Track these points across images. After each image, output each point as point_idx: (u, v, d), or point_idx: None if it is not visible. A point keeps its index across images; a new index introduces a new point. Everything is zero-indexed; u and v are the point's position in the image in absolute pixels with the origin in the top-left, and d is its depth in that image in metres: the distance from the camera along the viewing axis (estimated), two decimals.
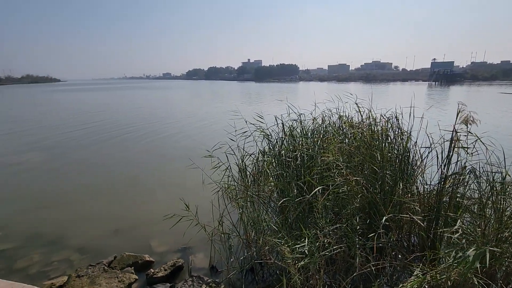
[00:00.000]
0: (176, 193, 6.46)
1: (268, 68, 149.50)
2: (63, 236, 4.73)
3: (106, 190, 6.81)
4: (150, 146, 11.05)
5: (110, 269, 3.81)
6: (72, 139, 12.48)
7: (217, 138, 11.23)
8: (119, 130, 14.43)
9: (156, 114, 20.67)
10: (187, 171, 7.18)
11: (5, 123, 17.78)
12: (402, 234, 3.76)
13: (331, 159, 3.81)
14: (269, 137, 5.95)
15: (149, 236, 4.78)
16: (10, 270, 3.91)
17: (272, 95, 38.08)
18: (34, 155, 9.86)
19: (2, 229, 4.96)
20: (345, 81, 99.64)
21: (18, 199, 6.30)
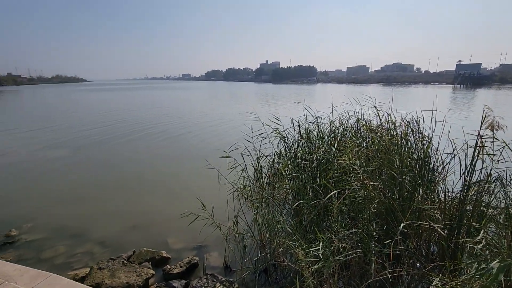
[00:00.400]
0: (192, 192, 6.60)
1: (285, 69, 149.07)
2: (86, 230, 4.96)
3: (125, 187, 7.07)
4: (168, 145, 11.34)
5: (129, 263, 3.96)
6: (94, 136, 13.03)
7: (234, 139, 11.39)
8: (139, 128, 14.90)
9: (174, 114, 21.15)
10: (203, 171, 7.32)
11: (34, 121, 18.81)
12: (420, 242, 3.65)
13: (347, 163, 3.77)
14: (285, 139, 5.96)
15: (166, 233, 4.91)
16: (38, 259, 4.16)
17: (288, 97, 37.93)
18: (60, 152, 10.38)
19: (32, 220, 5.27)
20: (364, 83, 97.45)
21: (45, 193, 6.67)
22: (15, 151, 10.48)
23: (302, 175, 4.87)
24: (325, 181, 3.81)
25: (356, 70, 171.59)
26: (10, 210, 5.74)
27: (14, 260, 4.08)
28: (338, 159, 4.01)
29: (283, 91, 53.91)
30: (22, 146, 11.39)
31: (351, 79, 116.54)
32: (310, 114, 5.89)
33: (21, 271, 3.05)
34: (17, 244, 4.54)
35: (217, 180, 6.94)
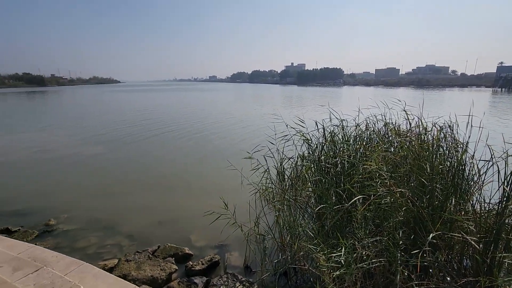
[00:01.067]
0: (215, 192, 6.73)
1: (311, 72, 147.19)
2: (115, 223, 5.24)
3: (152, 184, 7.36)
4: (193, 145, 11.66)
5: (154, 257, 4.13)
6: (125, 134, 13.71)
7: (257, 141, 11.48)
8: (166, 128, 15.46)
9: (199, 114, 21.69)
10: (226, 171, 7.43)
11: (72, 119, 20.18)
12: (452, 255, 3.44)
13: (374, 168, 3.66)
14: (309, 141, 5.90)
15: (189, 230, 5.06)
16: (73, 248, 4.46)
17: (313, 99, 37.42)
18: (94, 149, 11.06)
19: (68, 212, 5.66)
20: (394, 86, 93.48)
21: (80, 187, 7.13)
22: (56, 147, 11.32)
23: (325, 178, 4.80)
24: (350, 186, 3.72)
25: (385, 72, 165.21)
26: (50, 201, 6.20)
27: (51, 247, 4.41)
28: (364, 164, 3.90)
29: (307, 94, 53.29)
30: (61, 142, 12.28)
31: (380, 82, 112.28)
32: (335, 117, 5.78)
33: (57, 258, 3.29)
34: (55, 232, 4.91)
35: (239, 180, 7.03)
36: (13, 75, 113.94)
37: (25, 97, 49.44)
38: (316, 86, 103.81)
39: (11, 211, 5.72)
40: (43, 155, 10.06)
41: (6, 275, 2.61)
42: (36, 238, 4.72)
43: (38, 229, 4.97)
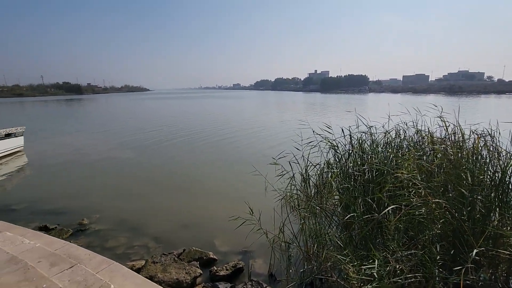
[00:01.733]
0: (240, 197, 6.73)
1: (335, 79, 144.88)
2: (143, 225, 5.39)
3: (178, 187, 7.53)
4: (218, 150, 11.81)
5: (179, 260, 4.17)
6: (154, 139, 14.23)
7: (281, 147, 11.39)
8: (192, 133, 15.84)
9: (224, 120, 22.04)
10: (250, 176, 7.44)
11: (104, 124, 21.34)
12: (498, 274, 3.15)
13: (406, 177, 3.48)
14: (336, 148, 5.76)
15: (213, 234, 5.08)
16: (103, 247, 4.63)
17: (337, 106, 36.72)
18: (124, 152, 11.58)
19: (99, 212, 5.92)
20: (423, 92, 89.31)
21: (111, 188, 7.46)
22: (90, 151, 11.98)
23: (353, 187, 4.64)
24: (380, 194, 3.55)
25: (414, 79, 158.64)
26: (83, 201, 6.53)
27: (84, 246, 4.61)
28: (395, 172, 3.72)
29: (331, 101, 52.45)
30: (95, 146, 12.99)
31: (408, 89, 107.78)
32: (362, 124, 5.62)
33: (90, 256, 3.43)
34: (87, 231, 5.14)
35: (264, 186, 6.99)
36: (55, 84, 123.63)
37: (63, 104, 53.18)
38: (340, 93, 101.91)
39: (49, 209, 6.09)
40: (78, 158, 10.68)
41: (44, 270, 2.75)
42: (70, 236, 4.97)
43: (73, 228, 5.23)
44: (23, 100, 71.11)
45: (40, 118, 27.02)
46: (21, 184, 8.00)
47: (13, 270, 2.57)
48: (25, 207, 6.23)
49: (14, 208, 6.15)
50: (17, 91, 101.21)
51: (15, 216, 5.76)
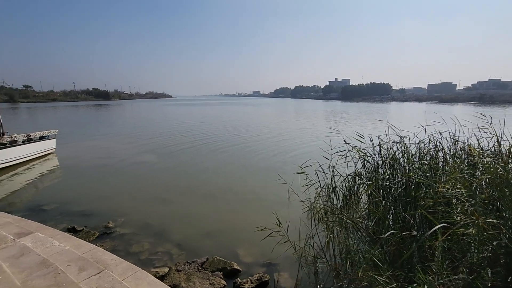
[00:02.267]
0: (264, 206, 6.57)
1: (356, 87, 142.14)
2: (166, 230, 5.36)
3: (200, 193, 7.49)
4: (242, 156, 11.76)
5: (203, 269, 4.06)
6: (177, 145, 14.44)
7: (306, 155, 11.12)
8: (214, 139, 15.94)
9: (247, 127, 22.06)
10: (275, 185, 7.28)
11: (130, 129, 22.05)
12: None
13: (452, 192, 3.19)
14: (366, 157, 5.50)
15: (236, 243, 4.94)
16: (128, 252, 4.63)
17: (359, 114, 35.80)
18: (149, 157, 11.81)
19: (124, 215, 5.98)
20: (450, 102, 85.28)
21: (135, 192, 7.55)
22: (116, 154, 12.36)
23: (385, 200, 4.36)
24: (423, 210, 3.26)
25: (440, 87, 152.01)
26: (109, 204, 6.65)
27: (109, 249, 4.63)
28: (437, 186, 3.43)
29: (351, 109, 51.32)
30: (121, 149, 13.41)
31: (433, 98, 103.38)
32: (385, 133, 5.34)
33: (116, 262, 3.40)
34: (113, 235, 5.18)
35: (287, 195, 6.80)
36: (85, 90, 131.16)
37: (92, 109, 55.90)
38: (361, 101, 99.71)
39: (77, 211, 6.24)
40: (105, 162, 11.01)
41: (73, 274, 2.74)
42: (96, 238, 5.02)
43: (99, 230, 5.29)
44: (56, 105, 75.62)
45: (71, 122, 28.43)
46: (51, 185, 8.31)
47: (44, 274, 2.57)
48: (55, 207, 6.42)
49: (45, 209, 6.36)
50: (52, 97, 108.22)
51: (45, 216, 5.95)
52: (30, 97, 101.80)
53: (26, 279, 2.49)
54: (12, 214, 5.99)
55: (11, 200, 7.04)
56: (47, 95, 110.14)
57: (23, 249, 3.04)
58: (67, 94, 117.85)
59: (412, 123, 5.59)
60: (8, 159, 9.68)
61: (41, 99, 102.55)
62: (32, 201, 6.92)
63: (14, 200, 7.00)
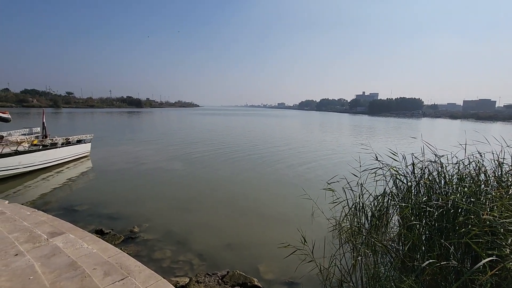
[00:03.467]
0: (286, 221, 6.39)
1: (384, 101, 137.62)
2: (187, 239, 5.36)
3: (224, 204, 7.47)
4: (266, 169, 11.64)
5: (223, 283, 3.97)
6: (202, 153, 14.68)
7: (333, 170, 10.80)
8: (240, 150, 16.01)
9: (271, 138, 22.02)
10: (299, 200, 7.08)
11: (160, 136, 22.89)
12: None
13: (501, 222, 2.87)
14: (399, 176, 5.19)
15: (258, 258, 4.80)
16: (150, 258, 4.67)
17: (386, 130, 34.44)
18: (176, 164, 12.10)
19: (148, 221, 6.09)
20: (488, 120, 79.51)
21: (161, 199, 7.71)
22: (144, 160, 12.80)
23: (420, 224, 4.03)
24: (468, 239, 2.96)
25: (477, 104, 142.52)
26: (136, 208, 6.83)
27: (133, 254, 4.70)
28: (483, 213, 3.11)
29: (379, 124, 49.57)
30: (149, 155, 13.90)
31: (469, 115, 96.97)
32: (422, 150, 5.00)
33: (139, 268, 3.42)
34: (137, 240, 5.27)
35: (314, 211, 6.58)
36: (119, 98, 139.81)
37: (125, 116, 59.06)
38: (390, 116, 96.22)
39: (105, 213, 6.47)
40: (134, 166, 11.45)
41: (98, 279, 2.78)
42: (122, 242, 5.14)
43: (124, 234, 5.42)
44: (94, 111, 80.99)
45: (105, 128, 30.15)
46: (84, 187, 8.74)
47: (72, 277, 2.63)
48: (86, 209, 6.71)
49: (76, 209, 6.67)
50: (90, 103, 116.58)
51: (76, 217, 6.22)
52: (71, 103, 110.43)
53: (54, 280, 2.56)
54: (47, 212, 6.33)
55: (47, 199, 7.47)
56: (86, 102, 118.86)
57: (54, 249, 3.17)
58: (103, 101, 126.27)
59: (447, 141, 5.21)
60: (48, 160, 10.39)
61: (80, 105, 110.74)
62: (65, 201, 7.29)
63: (50, 199, 7.42)
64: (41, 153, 9.98)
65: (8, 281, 2.44)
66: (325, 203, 6.58)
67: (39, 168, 10.01)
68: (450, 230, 3.62)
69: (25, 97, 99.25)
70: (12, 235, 3.32)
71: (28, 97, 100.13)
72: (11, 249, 2.93)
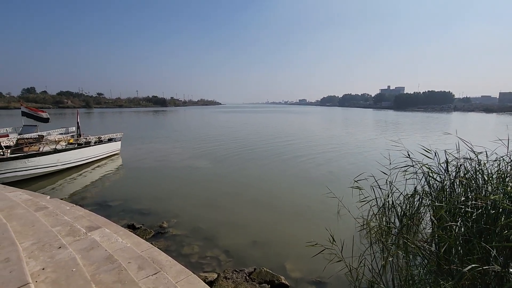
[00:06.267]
0: (312, 218, 6.32)
1: (411, 95, 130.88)
2: (215, 235, 5.47)
3: (250, 200, 7.55)
4: (292, 166, 11.53)
5: (250, 280, 4.01)
6: (227, 150, 14.89)
7: (359, 167, 10.51)
8: (264, 147, 16.06)
9: (294, 136, 21.84)
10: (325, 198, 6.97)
11: (183, 133, 23.50)
12: None
13: None
14: (431, 174, 4.94)
15: (284, 256, 4.80)
16: (179, 253, 4.82)
17: (414, 126, 32.82)
18: (201, 162, 12.37)
19: (176, 217, 6.29)
20: None
21: (188, 195, 7.93)
22: (172, 158, 13.23)
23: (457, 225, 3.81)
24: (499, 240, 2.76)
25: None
26: (164, 204, 7.08)
27: (163, 248, 4.89)
28: None
29: (405, 119, 47.36)
30: (177, 153, 14.33)
31: (507, 108, 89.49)
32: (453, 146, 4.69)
33: (170, 263, 3.54)
34: (166, 235, 5.46)
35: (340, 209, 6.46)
36: (145, 98, 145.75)
37: (151, 115, 61.25)
38: (417, 111, 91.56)
39: (136, 209, 6.77)
40: (162, 164, 11.87)
41: (133, 272, 2.92)
42: (152, 237, 5.35)
43: (154, 229, 5.64)
44: (122, 111, 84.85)
45: (132, 126, 31.46)
46: (116, 183, 9.20)
47: (110, 270, 2.78)
48: (119, 204, 7.06)
49: (110, 204, 7.04)
50: (118, 103, 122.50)
51: (110, 212, 6.57)
52: (102, 103, 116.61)
53: (94, 273, 2.72)
54: (84, 207, 6.74)
55: (83, 194, 7.95)
56: (115, 102, 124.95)
57: (92, 243, 3.37)
58: (131, 101, 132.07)
59: (483, 137, 4.86)
60: (83, 158, 11.05)
61: (110, 105, 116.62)
62: (100, 196, 7.72)
63: (86, 195, 7.88)
64: (77, 151, 10.63)
65: (53, 272, 2.62)
66: (352, 201, 6.43)
67: (75, 165, 10.67)
68: (492, 232, 3.40)
69: (60, 99, 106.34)
70: (55, 228, 3.57)
71: (63, 99, 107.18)
72: (55, 242, 3.15)
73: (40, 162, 9.07)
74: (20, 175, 8.63)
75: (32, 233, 3.24)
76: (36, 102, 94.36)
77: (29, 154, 8.76)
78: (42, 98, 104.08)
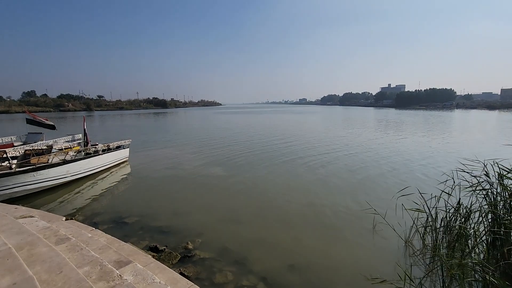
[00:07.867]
0: (357, 237, 5.76)
1: (412, 93, 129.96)
2: (246, 258, 4.99)
3: (276, 214, 7.00)
4: (323, 177, 10.42)
5: None
6: (238, 154, 14.32)
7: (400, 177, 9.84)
8: (277, 151, 15.48)
9: (312, 140, 21.32)
10: (363, 214, 6.50)
11: (189, 136, 22.98)
12: None
13: None
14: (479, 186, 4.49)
15: (328, 283, 4.32)
16: (212, 282, 4.34)
17: (415, 124, 32.31)
18: (216, 169, 11.74)
19: (201, 235, 5.82)
20: None
21: (208, 208, 7.38)
22: (182, 165, 12.61)
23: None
24: None
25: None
26: (184, 220, 6.59)
27: (193, 277, 4.43)
28: None
29: (407, 118, 46.83)
30: (186, 160, 13.70)
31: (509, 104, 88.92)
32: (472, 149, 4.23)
33: None
34: (193, 259, 4.98)
35: (373, 223, 5.99)
36: (146, 99, 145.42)
37: (152, 117, 60.68)
38: (418, 109, 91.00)
39: (155, 226, 6.28)
40: (173, 172, 11.34)
41: None
42: (179, 262, 4.87)
43: (180, 252, 5.16)
44: (123, 113, 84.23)
45: (134, 130, 30.92)
46: (128, 196, 8.69)
47: None
48: (135, 221, 6.57)
49: (126, 222, 6.55)
50: (119, 105, 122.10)
51: (128, 231, 6.09)
52: (103, 106, 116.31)
53: None
54: (100, 226, 6.28)
55: (96, 210, 7.42)
56: (115, 104, 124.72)
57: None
58: (131, 103, 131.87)
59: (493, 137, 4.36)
60: (92, 168, 10.57)
61: (111, 107, 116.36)
62: (114, 212, 7.19)
63: (99, 211, 7.35)
64: (86, 161, 10.15)
65: None
66: (395, 217, 5.93)
67: (84, 175, 10.20)
68: None
69: (61, 102, 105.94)
70: (83, 269, 3.10)
71: (64, 102, 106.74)
72: None
73: (49, 175, 8.60)
74: (29, 189, 8.15)
75: (61, 284, 2.74)
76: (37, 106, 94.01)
77: (38, 166, 8.29)
78: (43, 101, 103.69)
